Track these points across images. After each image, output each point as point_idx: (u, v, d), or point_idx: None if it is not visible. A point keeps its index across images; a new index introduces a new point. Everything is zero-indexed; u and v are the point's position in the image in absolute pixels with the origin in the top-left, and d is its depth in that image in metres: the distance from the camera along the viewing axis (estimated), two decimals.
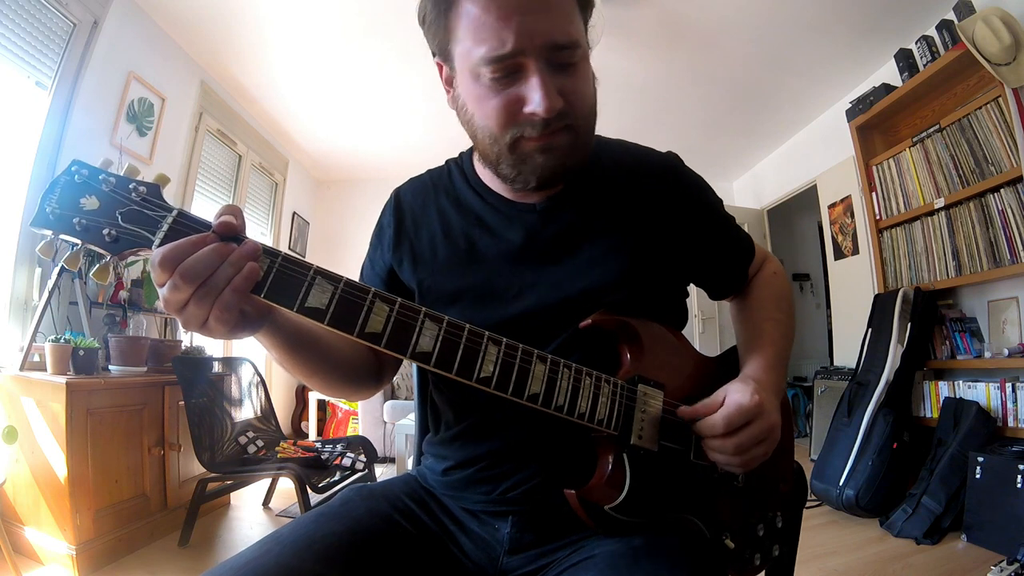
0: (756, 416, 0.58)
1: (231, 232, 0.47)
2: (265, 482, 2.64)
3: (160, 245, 0.45)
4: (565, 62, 0.57)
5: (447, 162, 0.78)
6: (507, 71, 0.55)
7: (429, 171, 0.79)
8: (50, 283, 1.89)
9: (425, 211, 0.73)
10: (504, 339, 0.53)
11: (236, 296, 0.46)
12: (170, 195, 3.03)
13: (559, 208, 0.68)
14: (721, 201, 0.78)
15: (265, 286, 0.47)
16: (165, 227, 0.46)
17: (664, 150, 0.76)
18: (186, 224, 0.47)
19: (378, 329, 0.49)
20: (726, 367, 0.72)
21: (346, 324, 0.48)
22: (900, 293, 2.63)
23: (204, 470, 2.05)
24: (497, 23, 0.53)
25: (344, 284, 0.48)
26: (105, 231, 0.46)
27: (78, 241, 0.46)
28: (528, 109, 0.56)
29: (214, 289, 0.45)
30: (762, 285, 0.79)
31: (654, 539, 0.58)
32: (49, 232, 0.46)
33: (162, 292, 0.45)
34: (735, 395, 0.59)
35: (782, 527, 0.72)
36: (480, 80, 0.57)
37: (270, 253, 0.48)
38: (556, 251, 0.66)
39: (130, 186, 0.47)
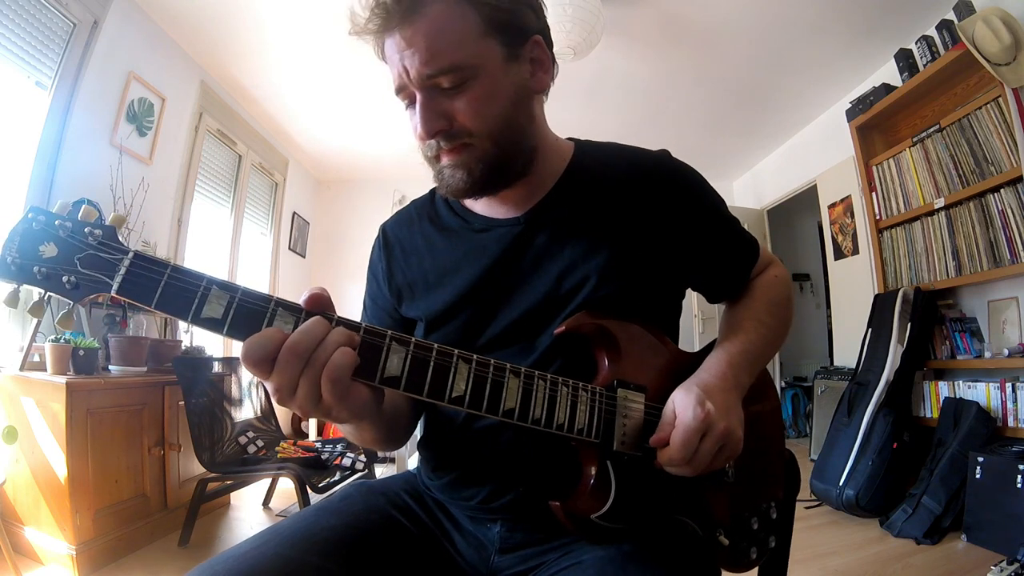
0: (708, 429, 0.56)
1: (320, 306, 0.48)
2: (265, 482, 2.64)
3: (118, 290, 0.45)
4: (449, 85, 0.59)
5: (431, 190, 0.79)
6: (407, 100, 0.63)
7: (413, 201, 0.81)
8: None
9: (412, 239, 0.75)
10: (475, 356, 0.52)
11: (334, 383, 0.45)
12: (170, 195, 3.01)
13: (542, 217, 0.68)
14: (723, 201, 0.75)
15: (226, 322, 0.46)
16: (122, 271, 0.45)
17: (658, 149, 0.74)
18: (143, 266, 0.45)
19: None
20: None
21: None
22: (900, 293, 2.63)
23: (204, 470, 2.05)
24: (389, 63, 0.61)
25: (304, 317, 0.47)
26: (64, 278, 0.45)
27: (41, 290, 0.46)
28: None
29: (316, 368, 0.45)
30: (758, 287, 0.77)
31: (643, 544, 0.58)
32: (12, 283, 0.45)
33: (270, 384, 0.46)
34: (683, 415, 0.57)
35: (776, 518, 0.71)
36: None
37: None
38: (539, 259, 0.67)
39: (85, 230, 0.46)
